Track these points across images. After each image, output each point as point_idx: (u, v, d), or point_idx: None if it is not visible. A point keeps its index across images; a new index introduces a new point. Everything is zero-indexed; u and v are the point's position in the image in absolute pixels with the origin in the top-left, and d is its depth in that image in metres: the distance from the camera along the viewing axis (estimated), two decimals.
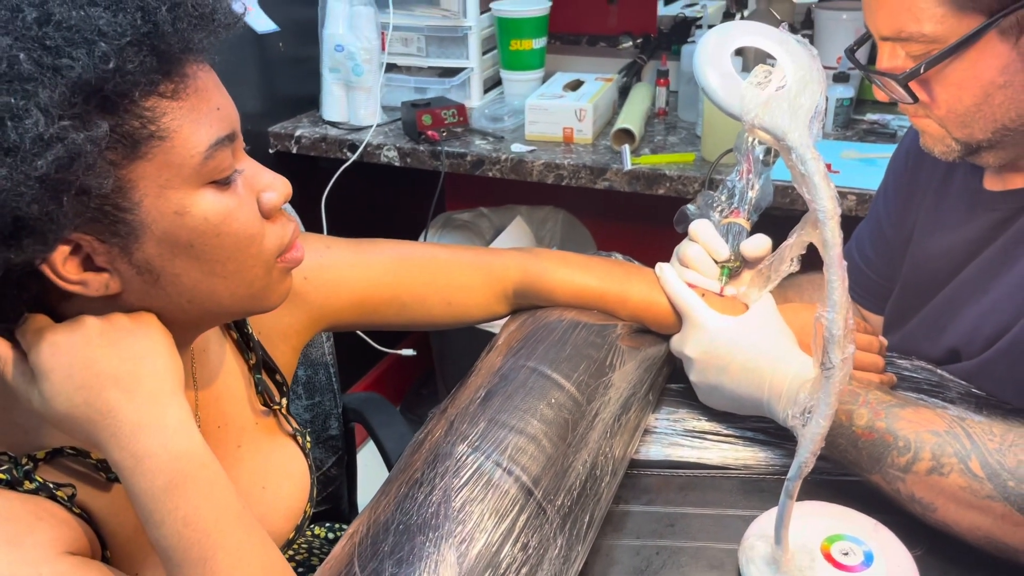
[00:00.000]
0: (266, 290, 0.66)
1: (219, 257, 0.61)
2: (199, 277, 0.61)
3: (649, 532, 0.79)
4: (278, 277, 0.66)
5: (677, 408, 0.92)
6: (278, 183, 0.65)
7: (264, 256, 0.64)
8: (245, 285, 0.63)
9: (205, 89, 0.59)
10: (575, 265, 0.91)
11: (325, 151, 1.73)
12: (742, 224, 0.92)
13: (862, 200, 1.39)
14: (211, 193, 0.60)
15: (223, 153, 0.60)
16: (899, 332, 1.05)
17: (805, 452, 0.65)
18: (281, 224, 0.66)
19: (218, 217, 0.60)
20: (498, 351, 0.83)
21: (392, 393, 2.33)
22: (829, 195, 0.62)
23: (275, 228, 0.65)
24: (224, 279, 0.62)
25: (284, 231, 0.66)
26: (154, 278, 0.60)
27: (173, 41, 0.56)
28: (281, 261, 0.66)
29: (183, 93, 0.57)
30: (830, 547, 0.72)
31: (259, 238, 0.63)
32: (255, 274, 0.64)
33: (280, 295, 0.68)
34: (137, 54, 0.54)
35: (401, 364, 2.28)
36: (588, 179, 1.57)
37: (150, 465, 0.58)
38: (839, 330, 0.62)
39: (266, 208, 0.64)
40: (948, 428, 0.73)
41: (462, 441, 0.68)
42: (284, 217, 0.67)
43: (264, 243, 0.64)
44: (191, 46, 0.58)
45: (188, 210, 0.59)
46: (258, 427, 0.79)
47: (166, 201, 0.58)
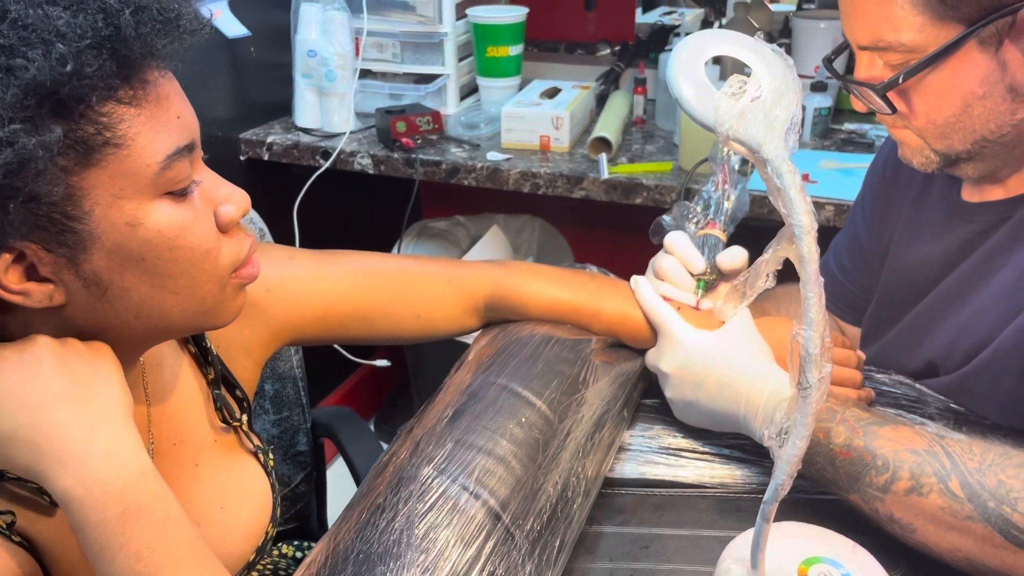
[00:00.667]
0: (218, 307, 0.63)
1: (171, 272, 0.58)
2: (149, 292, 0.58)
3: (623, 554, 0.76)
4: (232, 293, 0.64)
5: (652, 424, 0.90)
6: (236, 196, 0.63)
7: (218, 272, 0.62)
8: (197, 301, 0.61)
9: (166, 96, 0.57)
10: (548, 278, 0.89)
11: (297, 158, 1.69)
12: (718, 236, 0.90)
13: (840, 211, 1.37)
14: (166, 205, 0.57)
15: (181, 163, 0.57)
16: (877, 344, 1.04)
17: (782, 474, 0.62)
18: (238, 239, 0.63)
19: (172, 230, 0.57)
20: (467, 367, 0.80)
21: (366, 404, 2.29)
22: (805, 209, 0.60)
23: (231, 243, 0.63)
24: (175, 294, 0.59)
25: (240, 246, 0.63)
26: (101, 291, 0.57)
27: (135, 46, 0.53)
28: (236, 277, 0.63)
29: (142, 100, 0.55)
30: (808, 570, 0.70)
31: (214, 253, 0.61)
32: (208, 290, 0.61)
33: (233, 312, 0.65)
34: (96, 58, 0.51)
35: (375, 375, 2.25)
36: (565, 188, 1.55)
37: (102, 494, 0.55)
38: (816, 349, 0.60)
39: (223, 222, 0.61)
40: (927, 447, 0.71)
41: (427, 463, 0.66)
42: (241, 232, 0.64)
43: (219, 258, 0.61)
44: (154, 52, 0.55)
45: (141, 221, 0.56)
46: (217, 444, 0.76)
47: (118, 211, 0.55)
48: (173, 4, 0.56)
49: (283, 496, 1.17)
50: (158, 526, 0.56)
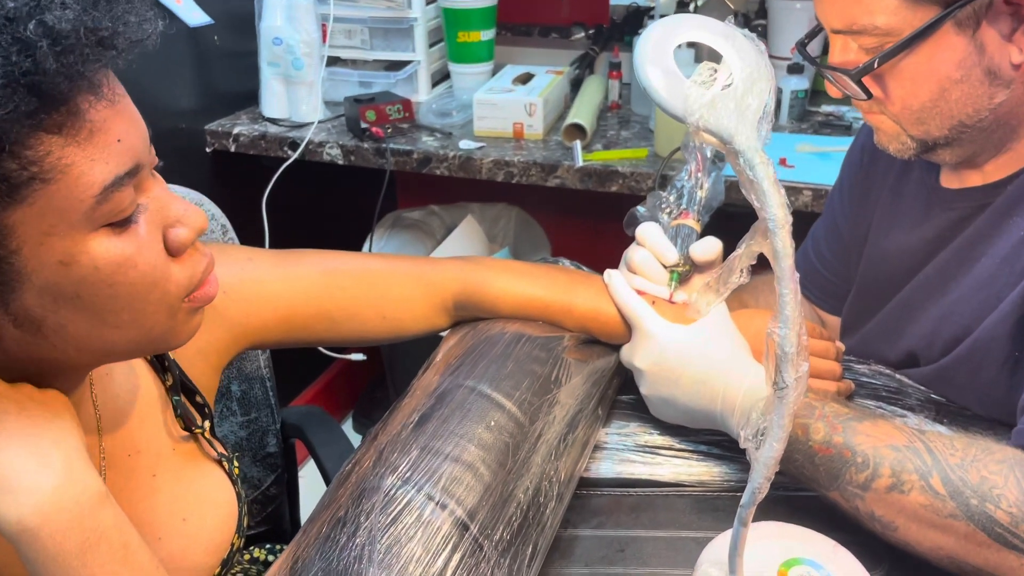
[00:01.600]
0: (168, 333, 0.59)
1: (112, 307, 0.54)
2: (87, 328, 0.54)
3: (599, 559, 0.74)
4: (184, 318, 0.59)
5: (628, 422, 0.88)
6: (190, 216, 0.57)
7: (167, 301, 0.57)
8: (143, 332, 0.57)
9: (102, 122, 0.50)
10: (518, 274, 0.86)
11: (265, 149, 1.65)
12: (691, 226, 0.87)
13: (818, 195, 1.35)
14: (105, 238, 0.52)
15: (122, 192, 0.52)
16: (857, 334, 1.02)
17: (759, 477, 0.60)
18: (192, 261, 0.58)
19: (111, 266, 0.52)
20: (435, 369, 0.77)
21: (344, 399, 2.26)
22: (779, 202, 0.58)
23: (183, 267, 0.57)
24: (118, 328, 0.55)
25: (195, 269, 0.58)
26: (35, 328, 0.53)
27: (59, 80, 0.47)
28: (189, 301, 0.59)
29: (73, 129, 0.49)
30: (787, 572, 0.68)
31: (162, 283, 0.56)
32: (155, 320, 0.57)
33: (187, 335, 0.61)
34: (12, 96, 0.45)
35: (351, 369, 2.22)
36: (539, 176, 1.52)
37: (60, 524, 0.52)
38: (792, 347, 0.58)
39: (174, 246, 0.56)
40: (908, 443, 0.69)
41: (391, 472, 0.63)
42: (196, 252, 0.59)
43: (168, 287, 0.56)
44: (83, 82, 0.49)
45: (75, 259, 0.51)
46: (177, 453, 0.73)
47: (49, 250, 0.50)
48: (107, 22, 0.50)
49: (254, 499, 1.14)
50: (119, 558, 0.53)
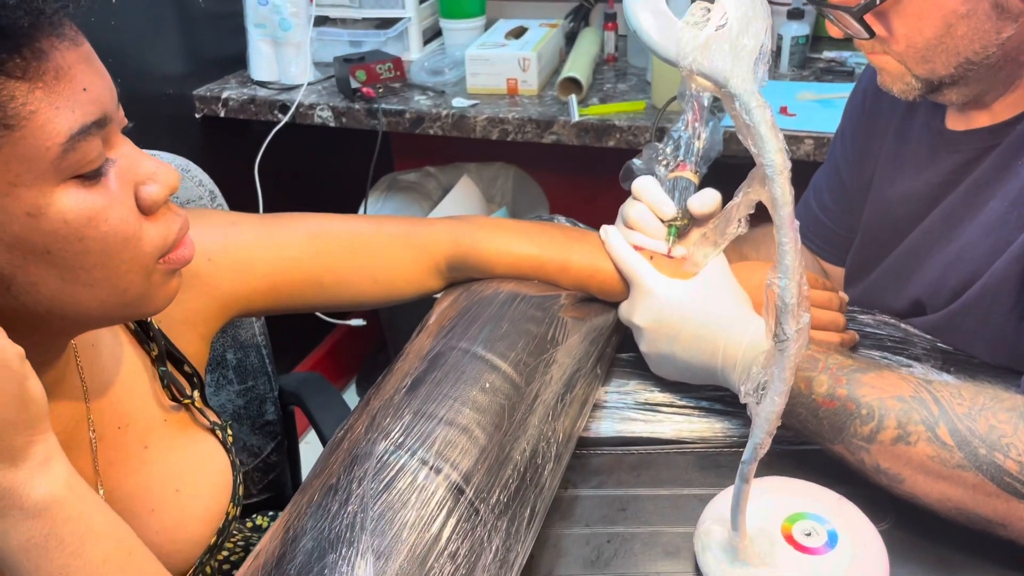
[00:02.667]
0: (144, 297, 0.57)
1: (83, 264, 0.52)
2: (59, 286, 0.53)
3: (599, 518, 0.73)
4: (160, 280, 0.58)
5: (628, 380, 0.86)
6: (162, 173, 0.56)
7: (141, 260, 0.55)
8: (117, 293, 0.55)
9: (68, 68, 0.50)
10: (512, 232, 0.84)
11: (255, 113, 1.62)
12: (689, 178, 0.85)
13: (820, 144, 1.32)
14: (74, 190, 0.51)
15: (89, 143, 0.51)
16: (861, 284, 1.00)
17: (760, 433, 0.59)
18: (165, 220, 0.57)
19: (81, 219, 0.51)
20: (428, 332, 0.75)
21: (346, 364, 2.26)
22: (777, 148, 0.55)
23: (156, 226, 0.56)
24: (90, 287, 0.54)
25: (168, 228, 0.57)
26: (4, 286, 0.51)
27: (18, 14, 0.47)
28: (164, 262, 0.57)
29: (38, 73, 0.48)
30: (791, 528, 0.67)
31: (134, 241, 0.54)
32: (129, 280, 0.55)
33: (164, 299, 0.59)
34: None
35: (353, 334, 2.20)
36: (534, 133, 1.48)
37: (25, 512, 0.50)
38: (792, 299, 0.56)
39: (146, 204, 0.55)
40: (914, 393, 0.67)
41: (384, 438, 0.62)
42: (169, 212, 0.58)
43: (141, 245, 0.55)
44: (42, 18, 0.48)
45: (43, 211, 0.50)
46: (168, 424, 0.72)
47: (16, 200, 0.49)
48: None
49: (254, 467, 1.14)
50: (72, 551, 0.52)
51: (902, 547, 0.68)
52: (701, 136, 0.85)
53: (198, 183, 1.04)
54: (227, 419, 1.09)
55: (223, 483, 0.73)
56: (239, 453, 1.13)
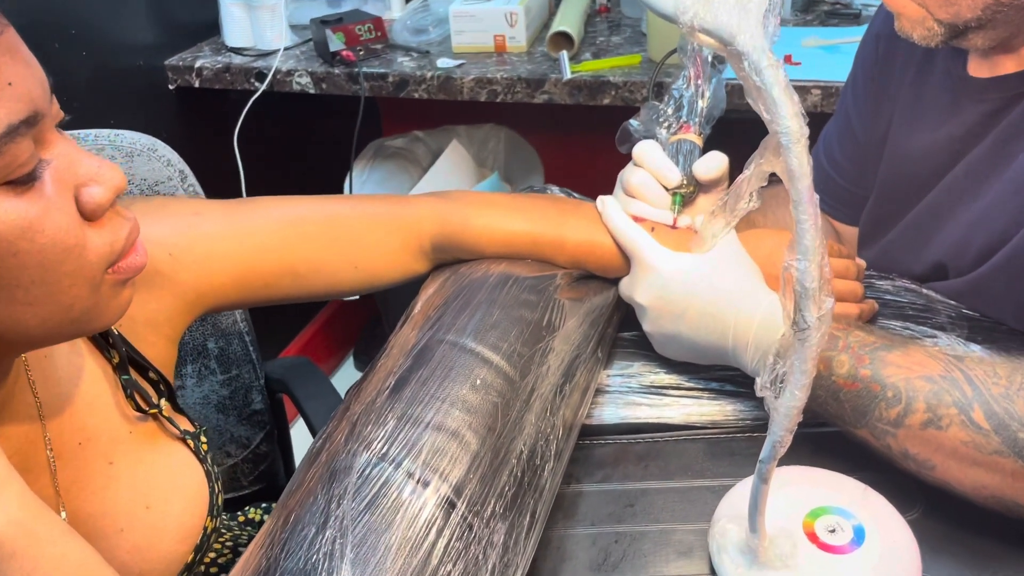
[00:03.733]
0: (93, 311, 0.51)
1: (19, 281, 0.47)
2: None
3: (606, 516, 0.68)
4: (110, 292, 0.52)
5: (631, 361, 0.81)
6: (105, 173, 0.50)
7: (86, 272, 0.50)
8: (61, 310, 0.49)
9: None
10: (501, 208, 0.77)
11: (231, 82, 1.54)
12: (693, 140, 0.78)
13: (828, 94, 1.25)
14: (3, 199, 0.45)
15: (19, 144, 0.45)
16: (877, 245, 0.93)
17: (779, 429, 0.53)
18: (112, 226, 0.51)
19: (13, 231, 0.45)
20: (413, 323, 0.69)
21: (342, 339, 2.20)
22: (793, 112, 0.49)
23: (102, 233, 0.50)
24: (29, 306, 0.48)
25: (115, 234, 0.51)
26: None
27: None
28: (113, 272, 0.52)
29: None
30: (814, 524, 0.61)
31: (77, 251, 0.49)
32: (74, 295, 0.49)
33: (115, 312, 0.54)
34: None
35: (346, 308, 2.15)
36: (525, 93, 1.41)
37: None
38: (813, 282, 0.50)
39: (88, 208, 0.49)
40: (944, 372, 0.62)
41: (365, 449, 0.56)
42: (117, 216, 0.52)
43: (85, 255, 0.49)
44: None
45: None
46: (134, 436, 0.66)
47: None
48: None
49: (244, 459, 1.09)
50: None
51: (934, 538, 0.63)
52: (704, 94, 0.79)
53: (166, 163, 0.97)
54: (206, 421, 1.04)
55: (198, 496, 0.68)
56: (227, 444, 1.09)
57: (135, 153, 0.96)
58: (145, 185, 0.96)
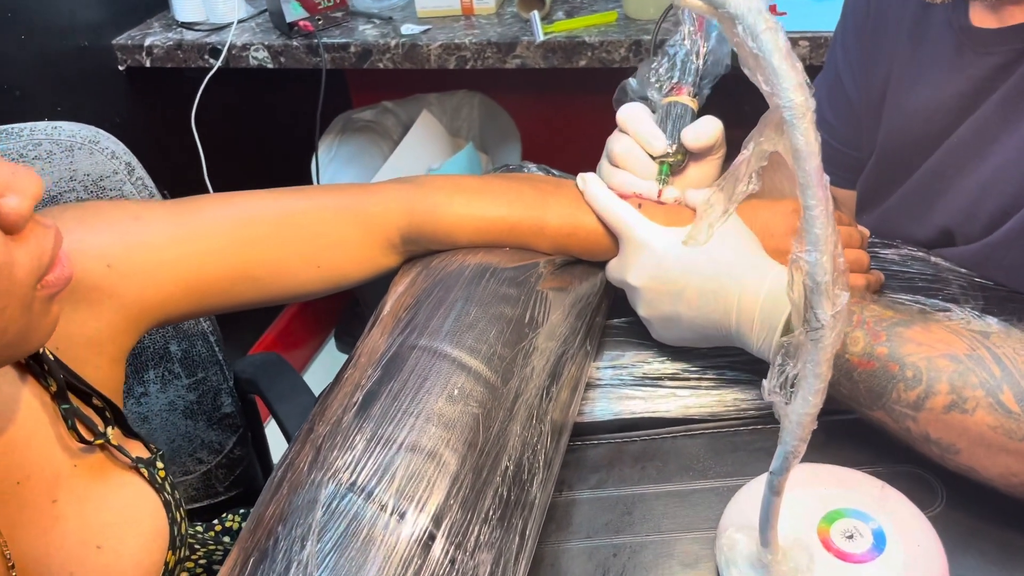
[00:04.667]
0: (26, 333, 0.47)
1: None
2: None
3: (602, 526, 0.63)
4: (41, 310, 0.47)
5: (623, 351, 0.75)
6: (20, 180, 0.44)
7: (17, 291, 0.44)
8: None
9: None
10: (474, 192, 0.71)
11: (184, 60, 1.45)
12: (686, 103, 0.72)
13: (816, 46, 1.18)
14: None
15: None
16: (876, 211, 0.88)
17: (792, 439, 0.48)
18: (35, 238, 0.46)
19: None
20: (382, 326, 0.63)
21: (323, 322, 2.13)
22: (796, 83, 0.42)
23: (28, 246, 0.45)
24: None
25: (41, 246, 0.46)
26: None
27: None
28: (43, 287, 0.46)
29: None
30: (829, 530, 0.56)
31: (6, 270, 0.43)
32: (8, 317, 0.44)
33: (47, 331, 0.49)
34: None
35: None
36: (496, 58, 1.33)
37: None
38: (826, 276, 0.44)
39: (9, 221, 0.43)
40: (970, 350, 0.56)
41: (331, 478, 0.50)
42: (38, 226, 0.46)
43: (14, 273, 0.44)
44: None
45: None
46: (80, 470, 0.60)
47: None
48: None
49: (217, 464, 1.03)
50: None
51: (958, 532, 0.58)
52: (701, 52, 0.72)
53: (110, 155, 0.90)
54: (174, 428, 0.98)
55: (156, 529, 0.62)
56: (198, 451, 1.03)
57: (75, 146, 0.89)
58: (89, 180, 0.89)
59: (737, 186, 0.48)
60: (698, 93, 0.72)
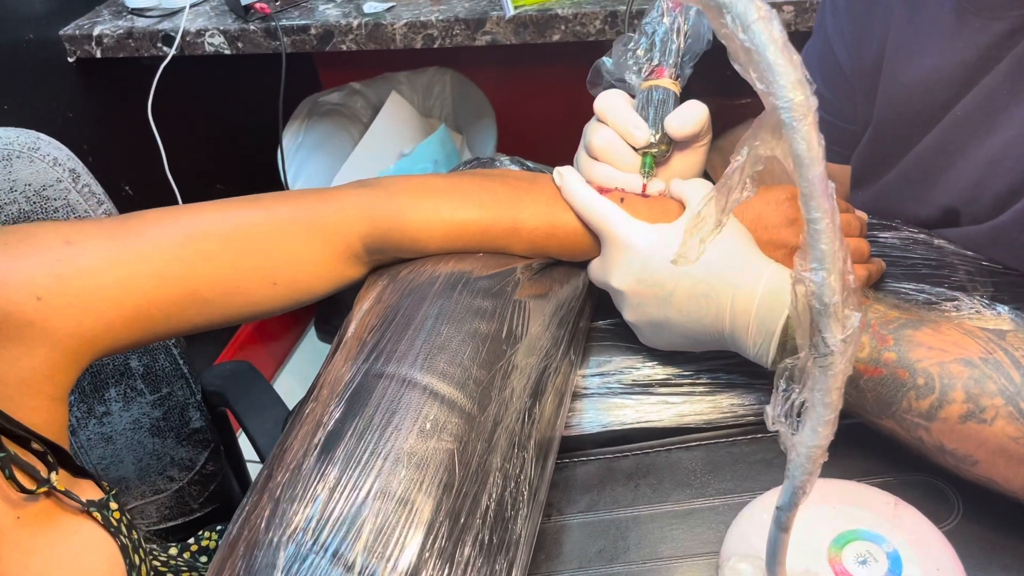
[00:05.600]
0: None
1: None
2: None
3: (595, 554, 0.58)
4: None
5: (609, 356, 0.70)
6: None
7: None
8: None
9: None
10: (441, 194, 0.65)
11: (135, 49, 1.38)
12: (667, 87, 0.66)
13: (801, 10, 1.12)
14: None
15: None
16: (873, 187, 0.82)
17: (800, 473, 0.43)
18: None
19: None
20: (346, 351, 0.58)
21: (302, 311, 2.07)
22: (795, 79, 0.37)
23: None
24: None
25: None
26: None
27: None
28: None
29: None
30: (841, 555, 0.52)
31: None
32: None
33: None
34: None
35: None
36: (465, 36, 1.26)
37: None
38: (834, 296, 0.39)
39: None
40: (985, 354, 0.52)
41: (290, 537, 0.45)
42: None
43: None
44: None
45: None
46: (24, 522, 0.55)
47: None
48: None
49: (190, 481, 0.98)
50: None
51: (976, 547, 0.54)
52: (682, 29, 0.66)
53: (52, 162, 0.83)
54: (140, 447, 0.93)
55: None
56: (168, 468, 0.97)
57: (13, 155, 0.82)
58: (31, 191, 0.82)
59: (731, 195, 0.42)
60: (680, 74, 0.67)
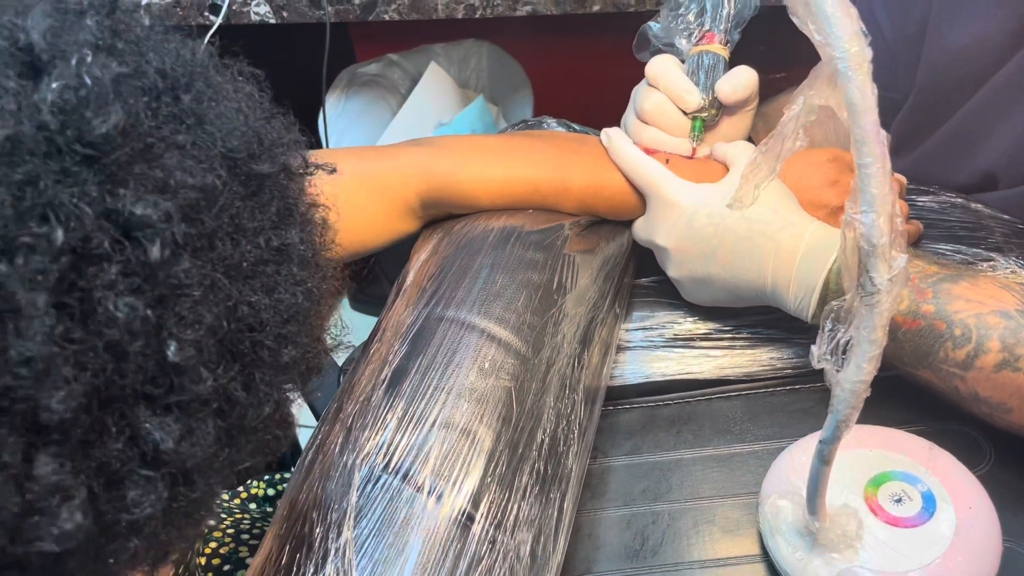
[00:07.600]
0: None
1: None
2: None
3: (639, 493, 0.61)
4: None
5: (652, 311, 0.73)
6: None
7: None
8: None
9: None
10: (494, 153, 0.68)
11: (183, 18, 1.41)
12: (717, 52, 0.68)
13: None
14: None
15: None
16: (911, 154, 0.84)
17: (844, 407, 0.45)
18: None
19: None
20: (406, 297, 0.61)
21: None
22: (852, 32, 0.40)
23: None
24: None
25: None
26: None
27: None
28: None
29: None
30: (877, 493, 0.55)
31: None
32: None
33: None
34: None
35: None
36: (506, 5, 1.28)
37: None
38: (883, 238, 0.41)
39: None
40: (1021, 305, 0.54)
41: (364, 460, 0.49)
42: None
43: None
44: None
45: None
46: None
47: None
48: None
49: None
50: None
51: (1009, 492, 0.56)
52: None
53: None
54: None
55: None
56: None
57: None
58: None
59: (784, 143, 0.45)
60: (729, 40, 0.69)
